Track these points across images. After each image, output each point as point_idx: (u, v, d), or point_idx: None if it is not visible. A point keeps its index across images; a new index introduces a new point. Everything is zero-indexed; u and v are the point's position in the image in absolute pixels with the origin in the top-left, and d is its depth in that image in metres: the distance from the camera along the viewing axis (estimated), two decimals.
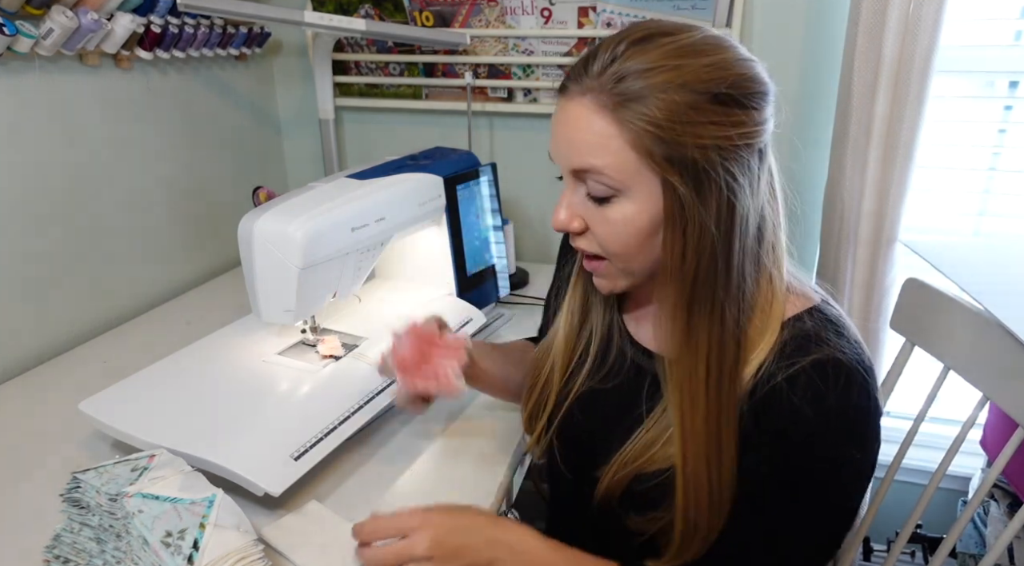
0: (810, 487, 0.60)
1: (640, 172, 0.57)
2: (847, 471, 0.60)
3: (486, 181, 1.17)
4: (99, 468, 0.69)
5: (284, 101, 1.61)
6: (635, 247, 0.61)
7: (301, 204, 0.88)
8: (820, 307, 0.64)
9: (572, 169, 0.60)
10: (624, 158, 0.57)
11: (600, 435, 0.72)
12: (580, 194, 0.62)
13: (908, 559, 1.44)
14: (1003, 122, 1.30)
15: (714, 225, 0.58)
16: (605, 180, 0.58)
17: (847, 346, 0.59)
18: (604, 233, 0.62)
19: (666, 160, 0.56)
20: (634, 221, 0.59)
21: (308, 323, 0.98)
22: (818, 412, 0.58)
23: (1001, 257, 1.08)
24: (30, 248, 1.06)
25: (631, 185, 0.58)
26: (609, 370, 0.74)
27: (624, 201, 0.59)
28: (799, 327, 0.61)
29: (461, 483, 0.82)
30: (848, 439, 0.59)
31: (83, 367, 1.06)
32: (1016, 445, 0.83)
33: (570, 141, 0.59)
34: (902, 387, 0.99)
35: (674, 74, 0.55)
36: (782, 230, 0.64)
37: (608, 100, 0.56)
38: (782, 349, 0.61)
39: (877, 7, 1.09)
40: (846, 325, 0.62)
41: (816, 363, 0.58)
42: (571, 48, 1.35)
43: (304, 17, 1.15)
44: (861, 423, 0.59)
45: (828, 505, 0.61)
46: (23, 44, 0.96)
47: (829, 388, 0.57)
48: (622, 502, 0.68)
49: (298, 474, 0.75)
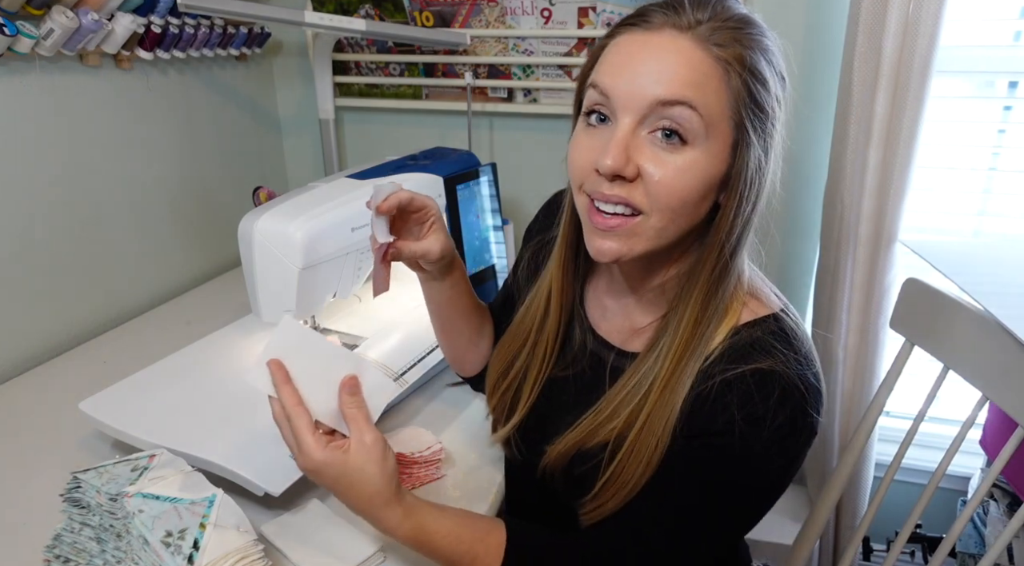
0: (726, 489, 0.60)
1: (723, 123, 0.57)
2: (763, 478, 0.60)
3: (486, 181, 1.17)
4: (99, 468, 0.69)
5: (284, 101, 1.61)
6: (691, 203, 0.58)
7: (301, 204, 0.88)
8: (777, 315, 0.63)
9: (660, 100, 0.55)
10: (718, 101, 0.56)
11: (556, 420, 0.71)
12: (639, 137, 0.57)
13: (908, 559, 1.44)
14: (1003, 122, 1.30)
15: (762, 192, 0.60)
16: (692, 120, 0.55)
17: (793, 360, 0.59)
18: (666, 181, 0.57)
19: (750, 119, 0.57)
20: (702, 172, 0.57)
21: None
22: (746, 419, 0.58)
23: (1001, 257, 1.08)
24: (30, 248, 1.06)
25: (711, 133, 0.56)
26: (570, 359, 0.74)
27: (697, 149, 0.57)
28: (750, 333, 0.61)
29: (461, 483, 0.82)
30: (770, 450, 0.58)
31: (83, 367, 1.06)
32: (1016, 445, 0.83)
33: (662, 71, 0.55)
34: (902, 387, 0.99)
35: (769, 41, 0.58)
36: None
37: (719, 38, 0.56)
38: (729, 351, 0.61)
39: (877, 7, 1.09)
40: (799, 337, 0.61)
41: (756, 372, 0.58)
42: (571, 48, 1.35)
43: (304, 17, 1.16)
44: (787, 440, 0.58)
45: (735, 505, 0.61)
46: (24, 44, 0.96)
47: (762, 398, 0.57)
48: (565, 472, 0.68)
49: (298, 474, 0.75)
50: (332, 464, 0.61)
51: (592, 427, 0.66)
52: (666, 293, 0.67)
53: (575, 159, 0.62)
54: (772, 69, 0.58)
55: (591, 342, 0.73)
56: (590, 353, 0.72)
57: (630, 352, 0.69)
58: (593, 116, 0.60)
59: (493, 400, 0.79)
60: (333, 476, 0.62)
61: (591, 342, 0.73)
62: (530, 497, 0.78)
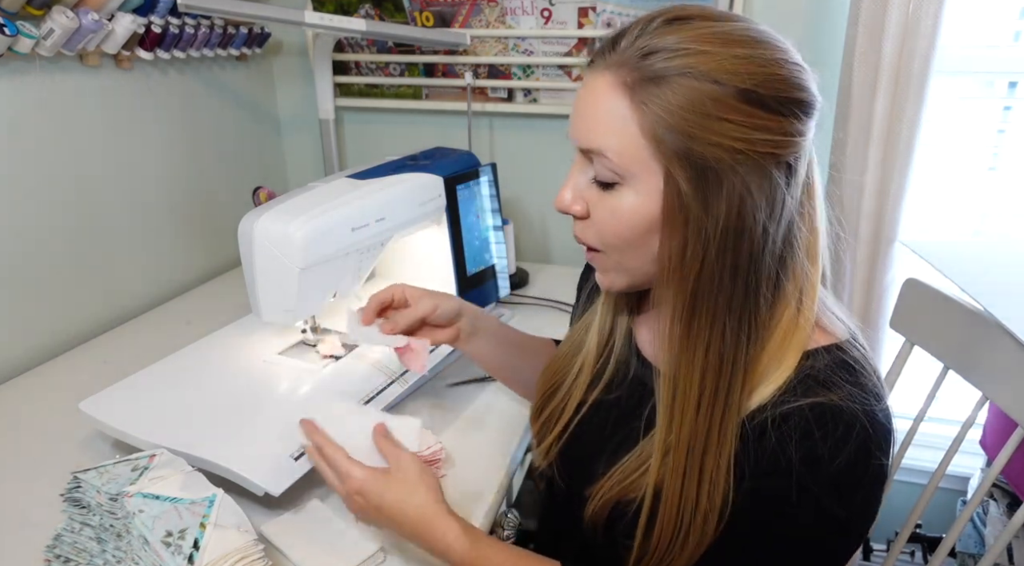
0: (785, 535, 0.55)
1: (647, 162, 0.54)
2: (827, 528, 0.54)
3: (486, 181, 1.17)
4: (99, 468, 0.69)
5: (284, 101, 1.61)
6: (631, 241, 0.57)
7: (301, 204, 0.88)
8: (842, 345, 0.58)
9: (581, 148, 0.57)
10: (633, 143, 0.53)
11: (595, 448, 0.69)
12: (587, 176, 0.58)
13: (908, 559, 1.44)
14: (1003, 122, 1.30)
15: (716, 233, 0.53)
16: (611, 165, 0.55)
17: (858, 395, 0.54)
18: (602, 221, 0.58)
19: (674, 152, 0.52)
20: (633, 213, 0.56)
21: (308, 323, 0.98)
22: (804, 459, 0.53)
23: (1001, 257, 1.08)
24: (30, 248, 1.06)
25: (636, 173, 0.54)
26: (611, 381, 0.71)
27: (627, 190, 0.55)
28: (810, 364, 0.56)
29: (461, 483, 0.82)
30: (832, 495, 0.53)
31: (83, 367, 1.06)
32: (1015, 445, 0.83)
33: (584, 118, 0.56)
34: (902, 387, 0.99)
35: (699, 59, 0.51)
36: (819, 259, 0.59)
37: (628, 77, 0.53)
38: (788, 385, 0.56)
39: (877, 7, 1.09)
40: (865, 371, 0.56)
41: (815, 406, 0.53)
42: (571, 48, 1.35)
43: (304, 17, 1.15)
44: (850, 482, 0.53)
45: (803, 558, 0.56)
46: (24, 44, 0.96)
47: (822, 436, 0.52)
48: (607, 528, 0.64)
49: (298, 474, 0.75)
50: (376, 479, 0.64)
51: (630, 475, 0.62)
52: None
53: None
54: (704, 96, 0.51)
55: (635, 365, 0.69)
56: (633, 377, 0.69)
57: None
58: None
59: (537, 423, 0.76)
60: (378, 492, 0.64)
61: (635, 365, 0.69)
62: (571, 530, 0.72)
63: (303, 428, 0.70)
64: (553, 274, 1.45)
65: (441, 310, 0.80)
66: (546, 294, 1.33)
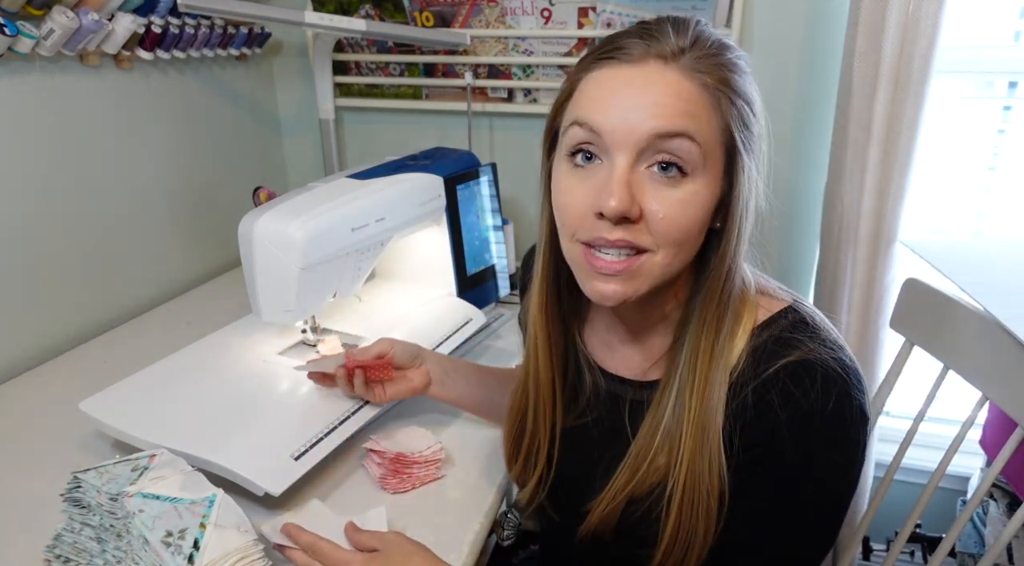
0: (792, 496, 0.57)
1: (717, 149, 0.55)
2: (829, 476, 0.57)
3: (486, 181, 1.17)
4: (99, 468, 0.69)
5: (284, 101, 1.61)
6: (694, 234, 0.57)
7: (301, 204, 0.88)
8: (793, 307, 0.61)
9: (657, 133, 0.53)
10: (711, 130, 0.54)
11: (586, 472, 0.68)
12: (638, 174, 0.54)
13: (907, 559, 1.44)
14: (1003, 122, 1.30)
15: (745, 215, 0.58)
16: (692, 151, 0.53)
17: (822, 348, 0.56)
18: (670, 217, 0.54)
19: (743, 141, 0.56)
20: (702, 202, 0.55)
21: (308, 323, 0.98)
22: (792, 417, 0.55)
23: (1001, 257, 1.08)
24: (30, 247, 1.06)
25: (707, 161, 0.55)
26: (585, 406, 0.70)
27: (696, 180, 0.55)
28: (768, 332, 0.59)
29: (462, 483, 0.82)
30: (826, 445, 0.55)
31: (83, 367, 1.06)
32: (1015, 445, 0.83)
33: (656, 104, 0.53)
34: (902, 387, 0.99)
35: (744, 62, 0.57)
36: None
37: (704, 65, 0.54)
38: (753, 356, 0.58)
39: (877, 7, 1.09)
40: (821, 325, 0.59)
41: (787, 367, 0.56)
42: (571, 48, 1.35)
43: (304, 17, 1.15)
44: (840, 428, 0.55)
45: (813, 513, 0.58)
46: (24, 44, 0.96)
47: (803, 392, 0.55)
48: (617, 533, 0.64)
49: (298, 474, 0.75)
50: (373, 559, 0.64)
51: (637, 472, 0.61)
52: (671, 319, 0.65)
53: (569, 205, 0.57)
54: (754, 88, 0.58)
55: (603, 382, 0.69)
56: (606, 394, 0.69)
57: (649, 381, 0.66)
58: (579, 156, 0.57)
59: (515, 469, 0.74)
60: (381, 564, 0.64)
61: (603, 382, 0.69)
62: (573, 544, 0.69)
63: (288, 532, 0.68)
64: None
65: (398, 347, 0.85)
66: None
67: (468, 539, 0.74)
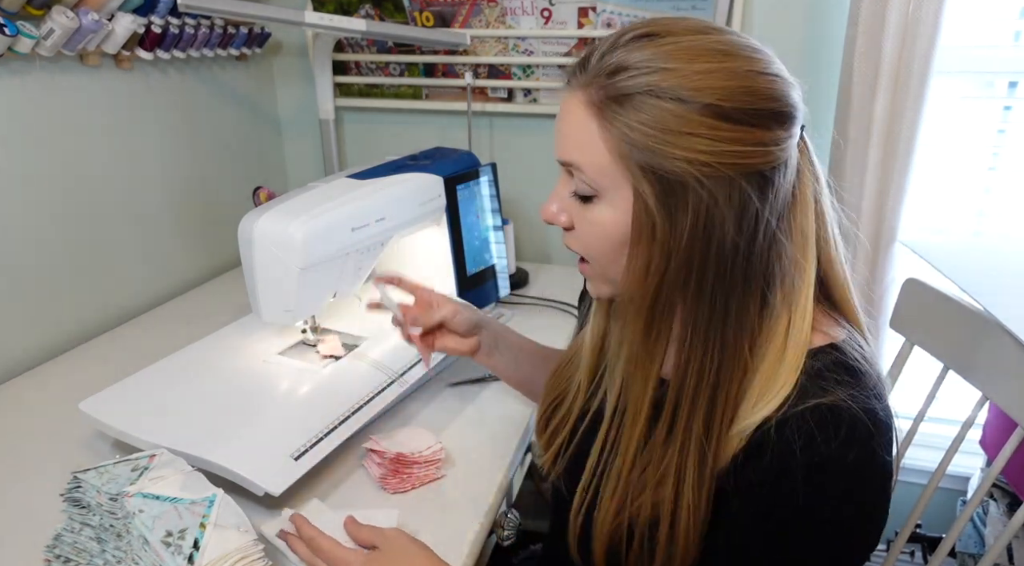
0: (796, 544, 0.54)
1: (617, 177, 0.55)
2: (840, 529, 0.53)
3: (486, 181, 1.17)
4: (99, 468, 0.69)
5: (284, 101, 1.61)
6: (610, 254, 0.58)
7: (301, 204, 0.88)
8: (839, 345, 0.57)
9: (560, 161, 0.59)
10: (603, 159, 0.55)
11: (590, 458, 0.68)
12: (569, 189, 0.60)
13: (908, 559, 1.44)
14: (1003, 122, 1.30)
15: (679, 247, 0.53)
16: (585, 178, 0.56)
17: (858, 394, 0.53)
18: (584, 234, 0.60)
19: (640, 168, 0.53)
20: (609, 227, 0.57)
21: (308, 323, 0.98)
22: (808, 462, 0.51)
23: (1001, 257, 1.08)
24: (30, 247, 1.06)
25: (609, 188, 0.56)
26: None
27: (603, 204, 0.57)
28: (806, 367, 0.55)
29: (462, 483, 0.82)
30: (840, 496, 0.52)
31: (83, 367, 1.06)
32: (1015, 445, 0.83)
33: (560, 133, 0.58)
34: (902, 387, 0.99)
35: (663, 76, 0.51)
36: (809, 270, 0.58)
37: (595, 96, 0.54)
38: (788, 394, 0.54)
39: (877, 7, 1.09)
40: (864, 370, 0.55)
41: (815, 409, 0.52)
42: (571, 48, 1.35)
43: (304, 17, 1.15)
44: (857, 481, 0.52)
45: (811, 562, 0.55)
46: (24, 44, 0.96)
47: (824, 438, 0.51)
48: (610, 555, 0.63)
49: (298, 474, 0.75)
50: (374, 557, 0.64)
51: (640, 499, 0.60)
52: None
53: None
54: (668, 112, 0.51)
55: None
56: None
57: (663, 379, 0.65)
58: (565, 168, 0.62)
59: (544, 433, 0.75)
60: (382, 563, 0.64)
61: None
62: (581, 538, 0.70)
63: (294, 521, 0.69)
64: (553, 274, 1.45)
65: (460, 317, 0.83)
66: (546, 294, 1.33)
67: (468, 539, 0.74)
